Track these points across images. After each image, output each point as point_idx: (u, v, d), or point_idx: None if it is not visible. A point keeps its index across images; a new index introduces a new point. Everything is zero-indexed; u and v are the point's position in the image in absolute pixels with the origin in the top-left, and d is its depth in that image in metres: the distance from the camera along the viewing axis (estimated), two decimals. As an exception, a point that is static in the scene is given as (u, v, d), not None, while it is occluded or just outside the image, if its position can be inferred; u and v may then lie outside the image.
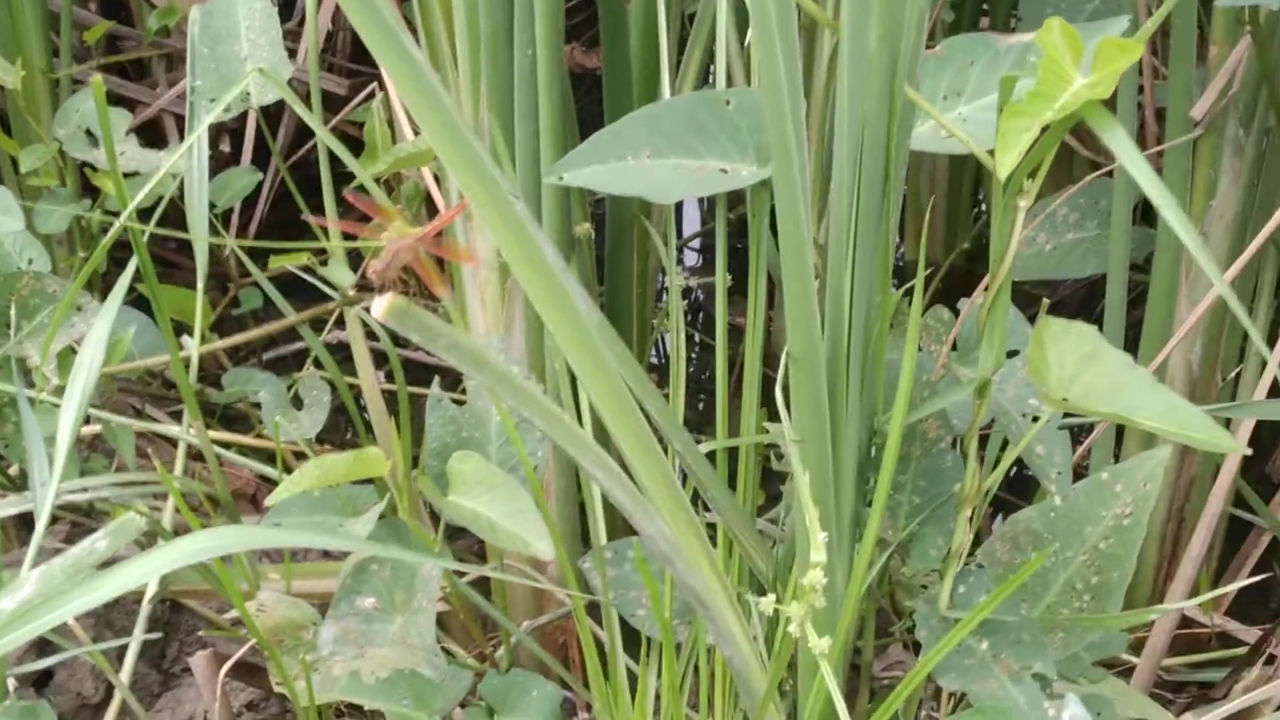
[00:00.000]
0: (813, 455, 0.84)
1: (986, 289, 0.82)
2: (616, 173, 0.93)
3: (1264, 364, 1.22)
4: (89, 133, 1.44)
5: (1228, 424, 1.11)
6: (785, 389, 0.83)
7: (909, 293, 0.86)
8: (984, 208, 1.85)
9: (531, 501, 0.92)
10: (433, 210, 1.67)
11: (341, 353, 1.75)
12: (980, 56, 0.92)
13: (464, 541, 1.48)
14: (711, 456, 0.97)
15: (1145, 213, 1.41)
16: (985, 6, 1.75)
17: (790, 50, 0.70)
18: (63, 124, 1.42)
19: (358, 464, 0.92)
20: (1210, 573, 1.35)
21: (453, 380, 1.78)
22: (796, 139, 0.72)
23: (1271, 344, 1.13)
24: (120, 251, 1.66)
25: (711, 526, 1.01)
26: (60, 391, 1.14)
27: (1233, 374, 1.28)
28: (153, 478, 1.09)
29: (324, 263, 1.60)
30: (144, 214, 1.16)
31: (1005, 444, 0.98)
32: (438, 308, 1.70)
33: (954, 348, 0.97)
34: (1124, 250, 1.24)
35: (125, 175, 1.45)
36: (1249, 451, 0.90)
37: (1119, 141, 0.74)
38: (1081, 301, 1.81)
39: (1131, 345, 1.24)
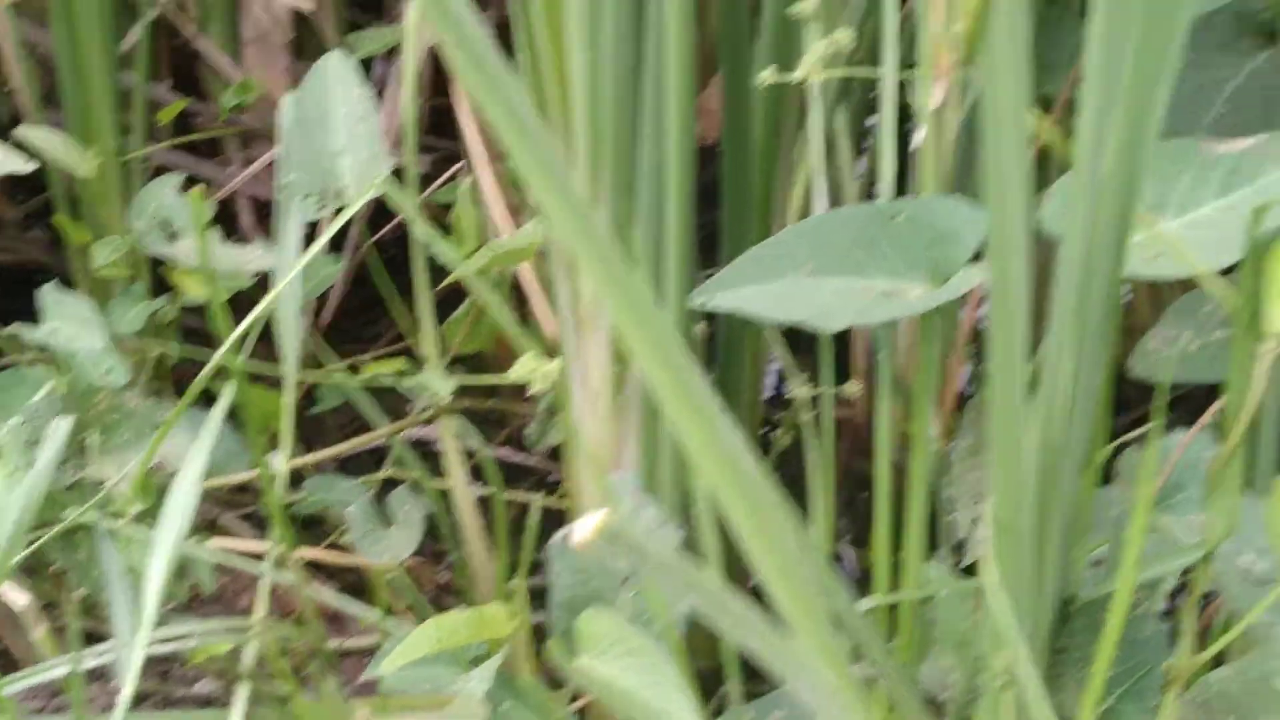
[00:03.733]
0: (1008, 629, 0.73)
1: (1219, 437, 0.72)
2: (778, 296, 0.83)
3: None
4: (166, 223, 1.35)
5: None
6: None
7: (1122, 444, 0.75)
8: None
9: (674, 669, 0.81)
10: (520, 299, 1.56)
11: (421, 448, 1.65)
12: (1188, 166, 0.82)
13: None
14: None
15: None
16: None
17: (1023, 177, 0.60)
18: (139, 215, 1.32)
19: (480, 625, 0.81)
20: None
21: (536, 480, 1.68)
22: (1026, 280, 0.61)
23: None
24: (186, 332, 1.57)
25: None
26: (140, 518, 1.04)
27: None
28: (238, 621, 0.99)
29: (408, 352, 1.50)
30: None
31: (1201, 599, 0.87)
32: (528, 416, 1.60)
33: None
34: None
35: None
36: None
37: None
38: (1205, 398, 1.67)
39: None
